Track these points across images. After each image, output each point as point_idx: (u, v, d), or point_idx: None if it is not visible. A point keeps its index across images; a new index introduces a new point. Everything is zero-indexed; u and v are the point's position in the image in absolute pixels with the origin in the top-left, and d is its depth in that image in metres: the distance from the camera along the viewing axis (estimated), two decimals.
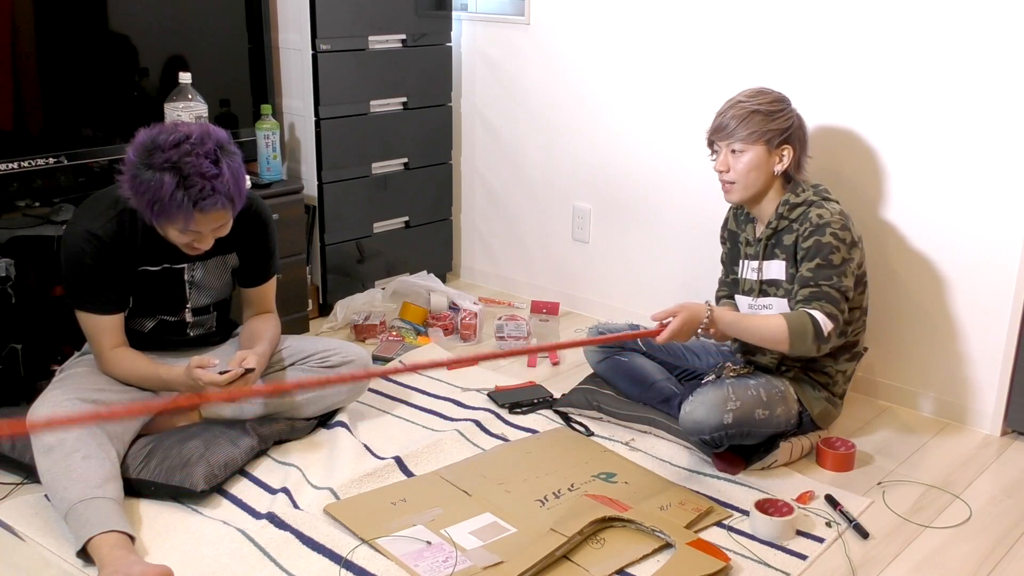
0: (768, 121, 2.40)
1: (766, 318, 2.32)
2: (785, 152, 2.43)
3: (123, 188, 2.17)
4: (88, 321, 2.31)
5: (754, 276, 2.53)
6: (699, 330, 2.28)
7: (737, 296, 2.62)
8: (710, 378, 2.57)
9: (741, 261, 2.59)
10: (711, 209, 3.05)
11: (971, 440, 2.70)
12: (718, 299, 2.73)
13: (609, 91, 3.34)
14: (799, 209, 2.44)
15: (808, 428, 2.53)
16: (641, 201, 3.35)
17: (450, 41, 3.61)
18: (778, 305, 2.50)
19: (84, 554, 2.01)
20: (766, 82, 2.56)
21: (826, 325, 2.29)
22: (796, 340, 2.27)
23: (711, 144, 2.50)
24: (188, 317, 2.47)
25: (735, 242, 2.63)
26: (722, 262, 2.73)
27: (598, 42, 3.33)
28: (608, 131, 3.38)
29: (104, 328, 2.31)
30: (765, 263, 2.50)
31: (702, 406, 2.35)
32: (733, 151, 2.43)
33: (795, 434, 2.51)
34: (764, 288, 2.52)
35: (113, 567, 1.92)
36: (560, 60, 3.44)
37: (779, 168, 2.44)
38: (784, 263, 2.47)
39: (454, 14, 3.61)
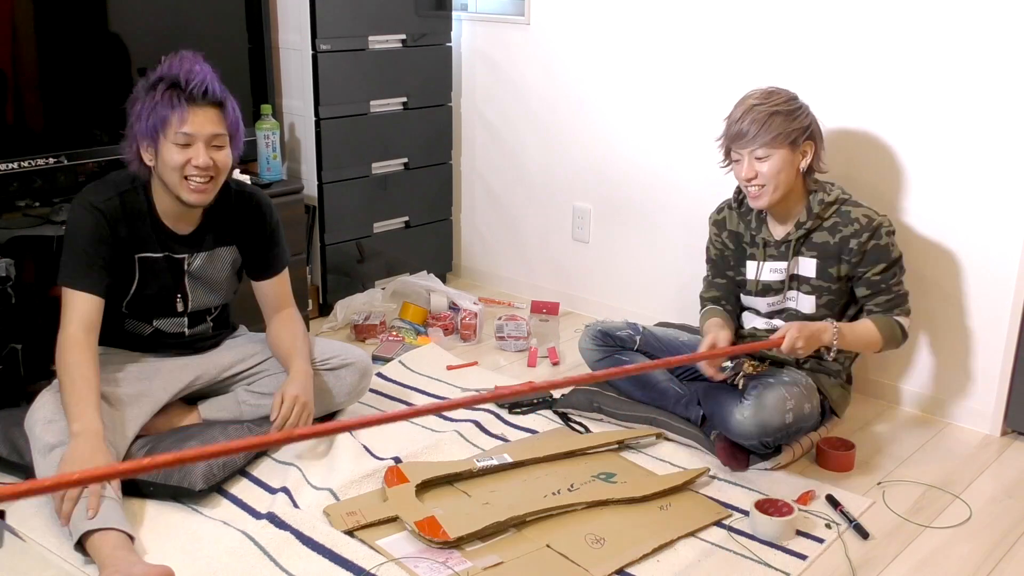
0: (789, 122, 2.37)
1: (866, 328, 2.43)
2: (808, 148, 2.42)
3: (132, 125, 2.26)
4: (64, 297, 2.27)
5: (776, 277, 2.51)
6: (831, 343, 2.35)
7: (746, 297, 2.61)
8: (730, 375, 2.48)
9: (754, 263, 2.55)
10: (711, 209, 3.04)
11: (971, 440, 2.70)
12: (705, 301, 2.67)
13: (609, 91, 3.34)
14: (833, 207, 2.44)
15: (827, 416, 2.54)
16: (641, 201, 3.35)
17: (450, 41, 3.61)
18: (803, 301, 2.49)
19: (81, 548, 2.00)
20: (766, 82, 2.55)
21: (907, 325, 2.47)
22: (887, 344, 2.45)
23: (728, 152, 2.45)
24: (184, 325, 2.47)
25: (739, 243, 2.60)
26: (711, 261, 2.68)
27: (598, 42, 3.33)
28: (608, 130, 3.38)
29: (73, 306, 2.24)
30: (793, 260, 2.48)
31: (764, 409, 2.33)
32: (758, 158, 2.38)
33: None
34: (790, 285, 2.51)
35: (114, 567, 1.92)
36: (560, 60, 3.44)
37: (804, 165, 2.43)
38: (815, 261, 2.46)
39: (454, 14, 3.61)
